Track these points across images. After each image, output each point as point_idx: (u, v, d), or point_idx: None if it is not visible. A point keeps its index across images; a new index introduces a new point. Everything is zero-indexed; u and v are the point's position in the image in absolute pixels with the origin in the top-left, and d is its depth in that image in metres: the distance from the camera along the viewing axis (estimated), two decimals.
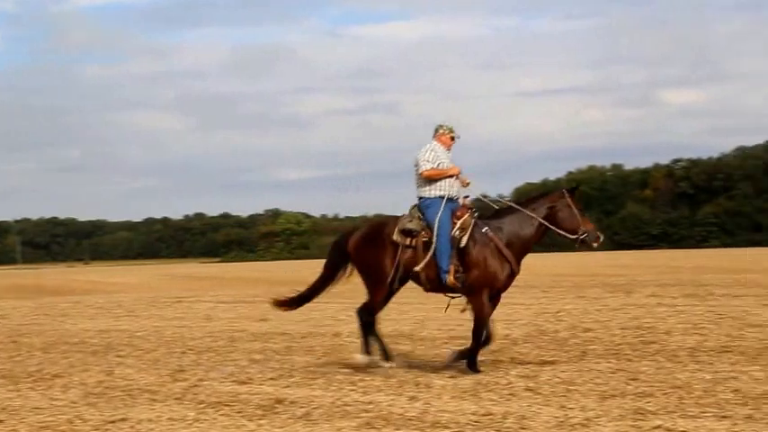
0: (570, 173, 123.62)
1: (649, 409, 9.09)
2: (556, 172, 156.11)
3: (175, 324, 21.02)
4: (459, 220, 11.68)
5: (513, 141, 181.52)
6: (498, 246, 11.62)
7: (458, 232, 11.62)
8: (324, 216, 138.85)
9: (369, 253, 11.94)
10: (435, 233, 11.59)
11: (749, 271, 40.93)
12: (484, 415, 9.09)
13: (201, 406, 10.12)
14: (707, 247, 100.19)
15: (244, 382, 11.69)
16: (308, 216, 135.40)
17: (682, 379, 10.68)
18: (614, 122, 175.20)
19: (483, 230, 11.66)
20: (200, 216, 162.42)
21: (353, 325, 18.85)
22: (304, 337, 17.09)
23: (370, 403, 9.90)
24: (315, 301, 13.00)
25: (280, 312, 13.67)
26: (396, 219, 12.03)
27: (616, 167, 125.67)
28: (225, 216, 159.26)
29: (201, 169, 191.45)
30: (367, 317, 12.17)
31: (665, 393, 9.84)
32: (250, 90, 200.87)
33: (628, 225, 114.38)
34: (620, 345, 14.15)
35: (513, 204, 12.12)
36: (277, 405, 10.01)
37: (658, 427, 8.34)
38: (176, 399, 10.64)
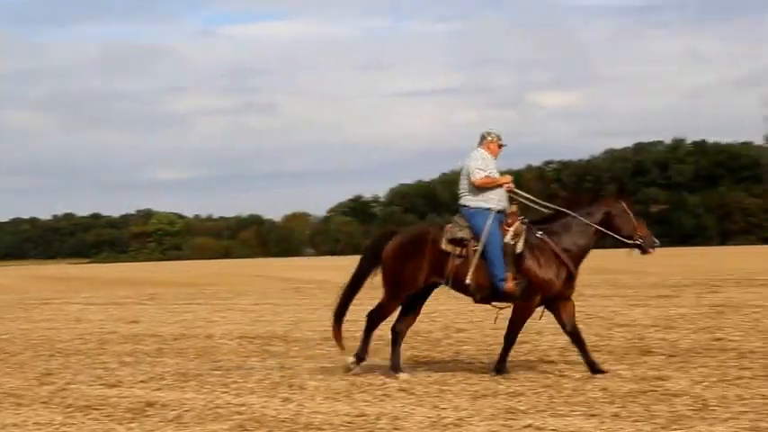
0: (445, 174, 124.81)
1: (520, 408, 9.19)
2: (431, 172, 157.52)
3: (43, 326, 20.53)
4: (510, 227, 11.33)
5: (387, 142, 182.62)
6: (555, 250, 11.26)
7: (511, 239, 11.27)
8: (197, 216, 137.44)
9: (406, 261, 11.49)
10: (485, 242, 11.22)
11: (618, 272, 41.87)
12: (357, 416, 9.08)
13: (69, 410, 9.90)
14: None
15: (113, 385, 11.46)
16: (181, 216, 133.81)
17: (552, 378, 10.85)
18: (487, 124, 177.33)
19: (538, 235, 11.32)
20: (69, 216, 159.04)
21: (227, 326, 18.73)
22: (176, 339, 16.86)
23: (242, 405, 9.80)
24: (189, 301, 12.80)
25: (151, 315, 13.37)
26: (437, 227, 11.69)
27: None
28: (95, 216, 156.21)
29: (72, 169, 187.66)
30: (378, 321, 11.87)
31: (536, 393, 9.97)
32: (123, 89, 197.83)
33: None
34: (492, 345, 14.28)
35: (566, 210, 11.61)
36: (147, 408, 9.84)
37: (529, 425, 8.43)
38: (43, 403, 10.38)
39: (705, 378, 10.52)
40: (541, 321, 17.24)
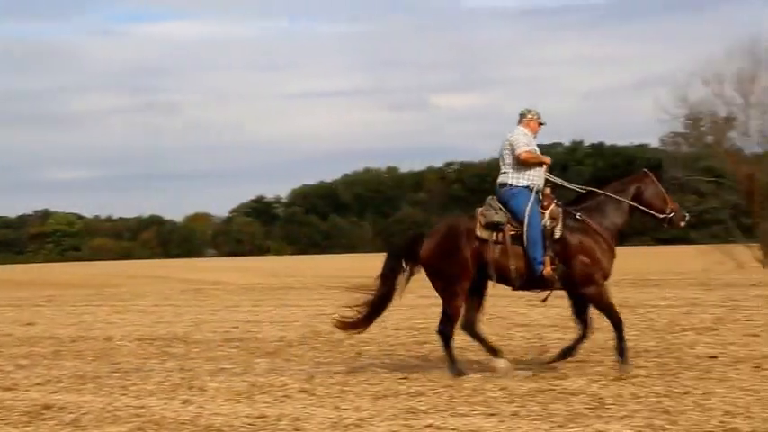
0: (346, 174, 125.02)
1: (421, 408, 9.26)
2: (332, 173, 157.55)
3: None
4: (546, 210, 11.06)
5: (289, 143, 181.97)
6: (597, 230, 11.06)
7: (548, 222, 10.99)
8: (97, 217, 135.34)
9: (448, 258, 11.12)
10: (526, 222, 10.92)
11: None
12: (258, 417, 9.06)
13: None
14: None
15: (9, 389, 11.26)
16: (80, 217, 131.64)
17: (453, 378, 10.92)
18: (389, 125, 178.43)
19: (578, 216, 11.10)
20: None
21: (126, 328, 18.50)
22: (74, 341, 16.61)
23: (141, 407, 9.70)
24: (87, 303, 12.60)
25: (49, 317, 13.15)
26: (468, 216, 11.38)
27: (391, 170, 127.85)
28: None
29: None
30: (450, 329, 11.34)
31: (437, 392, 10.05)
32: (19, 87, 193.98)
33: (403, 227, 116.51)
34: (393, 345, 14.37)
35: (596, 189, 11.44)
36: (44, 411, 9.69)
37: (429, 425, 8.50)
38: None
39: (602, 377, 10.70)
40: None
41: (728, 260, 50.89)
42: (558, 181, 11.46)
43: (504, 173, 11.28)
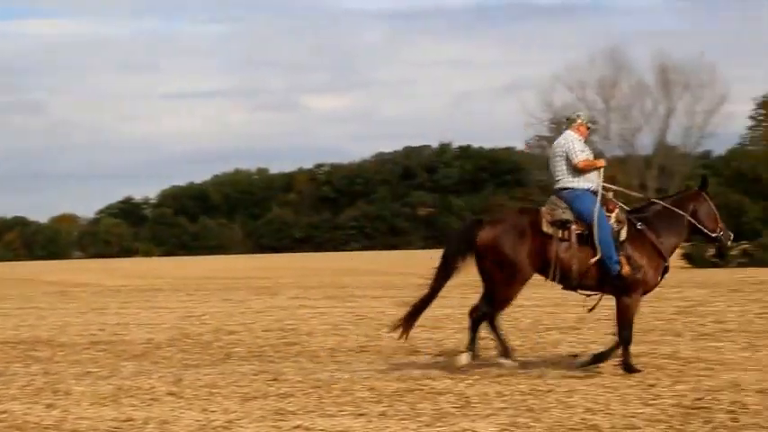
0: (216, 175, 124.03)
1: (290, 409, 9.28)
2: (201, 174, 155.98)
3: None
4: (611, 213, 11.05)
5: (158, 143, 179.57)
6: (654, 242, 11.04)
7: (615, 225, 10.99)
8: None
9: (508, 247, 10.95)
10: (596, 224, 10.86)
11: (387, 273, 42.70)
12: (125, 421, 8.95)
13: None
14: (348, 250, 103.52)
15: None
16: None
17: (322, 379, 10.98)
18: (259, 126, 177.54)
19: (638, 226, 11.09)
20: None
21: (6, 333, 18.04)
22: None
23: (3, 413, 9.49)
24: None
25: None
26: (532, 210, 11.30)
27: (261, 171, 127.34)
28: None
29: None
30: (488, 311, 11.30)
31: (306, 393, 10.08)
32: None
33: (273, 228, 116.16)
34: (263, 347, 14.35)
35: (657, 200, 11.53)
36: None
37: (298, 426, 8.53)
38: None
39: (468, 376, 10.88)
40: (312, 322, 17.47)
41: None
42: (614, 188, 11.57)
43: (561, 179, 11.26)
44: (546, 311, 17.69)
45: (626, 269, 10.84)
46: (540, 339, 13.91)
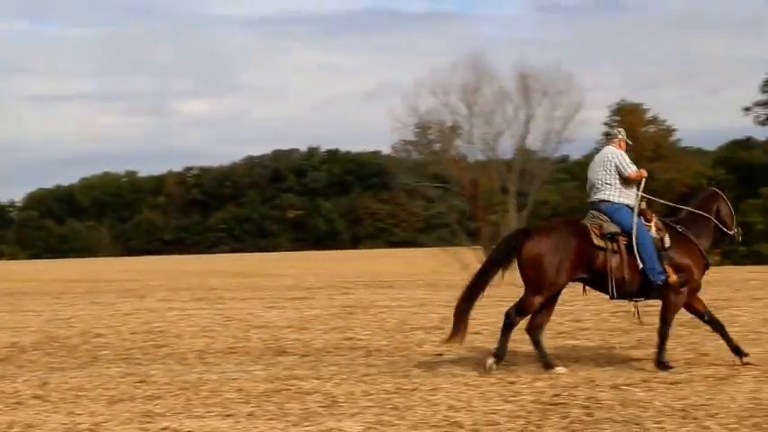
0: (84, 178, 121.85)
1: (158, 411, 9.30)
2: (69, 177, 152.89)
3: None
4: (650, 222, 11.31)
5: (25, 146, 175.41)
6: (697, 244, 11.41)
7: (656, 233, 11.25)
8: None
9: (555, 258, 11.10)
10: (636, 235, 11.13)
11: (255, 275, 42.62)
12: None
13: None
14: (218, 253, 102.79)
15: None
16: None
17: (190, 381, 11.00)
18: (128, 130, 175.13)
19: (678, 229, 11.42)
20: None
21: None
22: None
23: None
24: None
25: None
26: (577, 222, 11.47)
27: (130, 174, 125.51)
28: None
29: None
30: (518, 320, 11.34)
31: (174, 395, 10.11)
32: None
33: (142, 231, 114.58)
34: (130, 349, 14.29)
35: (681, 206, 11.83)
36: None
37: (166, 428, 8.56)
38: None
39: (335, 375, 11.05)
40: (181, 325, 17.43)
41: (455, 262, 52.94)
42: (652, 198, 11.81)
43: (603, 191, 11.52)
44: (411, 312, 17.98)
45: (673, 278, 11.20)
46: (405, 339, 14.15)
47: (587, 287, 11.51)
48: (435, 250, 54.99)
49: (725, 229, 11.75)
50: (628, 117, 62.82)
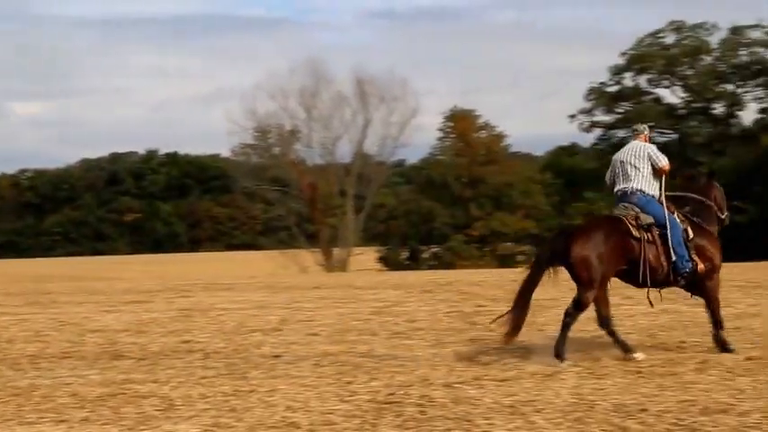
0: None
1: None
2: None
3: None
4: (673, 214, 11.86)
5: None
6: (711, 231, 12.11)
7: (681, 225, 11.81)
8: None
9: (600, 255, 11.47)
10: (670, 225, 11.68)
11: (92, 278, 41.83)
12: None
13: None
14: (53, 256, 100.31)
15: None
16: None
17: (21, 386, 10.80)
18: None
19: (695, 220, 11.98)
20: None
21: None
22: None
23: None
24: None
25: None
26: (613, 217, 11.83)
27: None
28: None
29: None
30: (577, 316, 11.61)
31: (4, 401, 9.91)
32: None
33: None
34: (7, 349, 13.94)
35: (684, 195, 12.34)
36: None
37: None
38: None
39: (172, 379, 11.01)
40: (12, 329, 17.03)
41: (294, 264, 53.16)
42: (675, 194, 12.37)
43: (636, 180, 11.94)
44: (250, 314, 17.99)
45: (701, 267, 11.85)
46: (244, 341, 14.19)
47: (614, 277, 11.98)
48: (274, 253, 55.12)
49: (719, 215, 12.44)
50: (460, 123, 64.15)
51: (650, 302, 12.16)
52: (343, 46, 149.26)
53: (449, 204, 63.21)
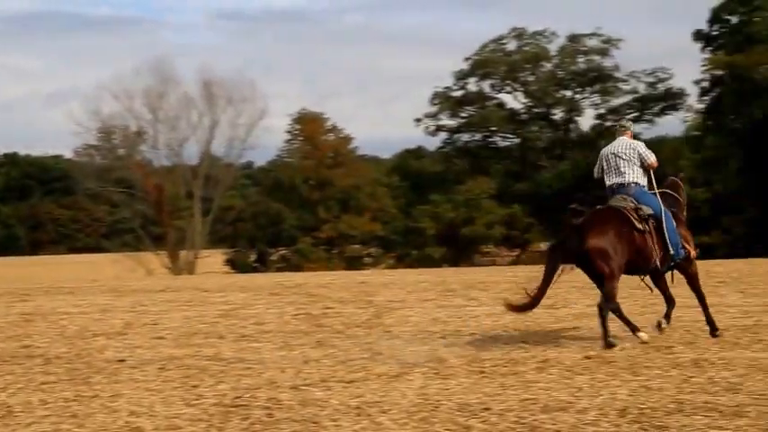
0: None
1: None
2: None
3: None
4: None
5: None
6: (684, 221, 13.00)
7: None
8: None
9: (615, 246, 11.99)
10: (665, 215, 12.43)
11: None
12: None
13: None
14: None
15: None
16: None
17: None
18: None
19: (673, 210, 12.76)
20: None
21: None
22: None
23: None
24: None
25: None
26: (616, 210, 12.33)
27: None
28: None
29: None
30: (612, 304, 11.99)
31: None
32: None
33: None
34: None
35: (666, 190, 13.07)
36: None
37: None
38: None
39: (10, 385, 10.73)
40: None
41: (140, 267, 52.37)
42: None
43: (628, 174, 12.61)
44: (93, 318, 17.66)
45: (693, 252, 12.81)
46: (87, 346, 13.92)
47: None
48: (119, 256, 54.13)
49: (684, 211, 13.27)
50: (308, 125, 64.27)
51: (650, 288, 12.93)
52: (193, 47, 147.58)
53: (297, 207, 63.23)
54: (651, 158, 12.72)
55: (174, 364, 11.86)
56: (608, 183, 12.72)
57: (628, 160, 12.64)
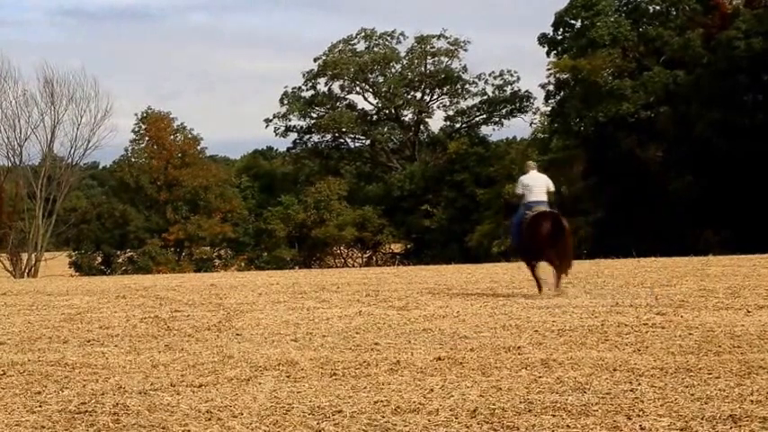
0: None
1: None
2: None
3: None
4: None
5: None
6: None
7: None
8: None
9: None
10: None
11: None
12: None
13: None
14: None
15: None
16: None
17: None
18: None
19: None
20: None
21: None
22: None
23: None
24: None
25: None
26: (546, 212, 18.18)
27: None
28: None
29: None
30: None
31: None
32: None
33: None
34: None
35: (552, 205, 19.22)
36: None
37: None
38: None
39: None
40: None
41: None
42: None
43: (543, 194, 18.60)
44: None
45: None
46: None
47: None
48: None
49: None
50: (155, 125, 63.44)
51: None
52: (32, 44, 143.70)
53: (144, 208, 62.29)
54: (552, 187, 18.77)
55: (15, 371, 11.48)
56: (531, 199, 18.43)
57: (541, 186, 18.62)
